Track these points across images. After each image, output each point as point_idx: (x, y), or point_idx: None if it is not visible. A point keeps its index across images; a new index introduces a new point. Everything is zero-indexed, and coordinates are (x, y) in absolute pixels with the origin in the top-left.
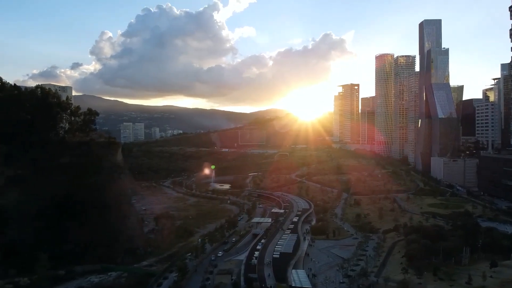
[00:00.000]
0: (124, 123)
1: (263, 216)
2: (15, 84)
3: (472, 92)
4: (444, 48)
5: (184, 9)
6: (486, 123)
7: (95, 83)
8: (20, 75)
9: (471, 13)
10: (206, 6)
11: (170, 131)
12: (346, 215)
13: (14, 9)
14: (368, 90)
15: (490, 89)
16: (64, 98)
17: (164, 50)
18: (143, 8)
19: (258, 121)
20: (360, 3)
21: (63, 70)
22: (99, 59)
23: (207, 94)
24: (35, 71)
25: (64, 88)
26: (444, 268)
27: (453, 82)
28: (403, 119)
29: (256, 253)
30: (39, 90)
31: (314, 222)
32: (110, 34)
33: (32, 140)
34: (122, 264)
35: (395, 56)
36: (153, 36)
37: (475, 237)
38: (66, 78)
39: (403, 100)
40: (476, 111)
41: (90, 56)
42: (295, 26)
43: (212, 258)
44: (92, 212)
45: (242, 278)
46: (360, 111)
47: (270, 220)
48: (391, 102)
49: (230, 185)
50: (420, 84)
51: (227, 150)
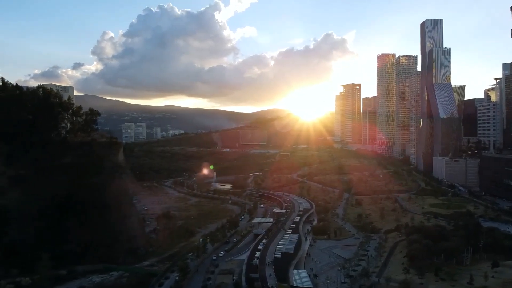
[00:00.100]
0: (125, 123)
1: (264, 216)
2: (16, 84)
3: (473, 92)
4: (445, 48)
5: (185, 9)
6: (487, 123)
7: (97, 83)
8: (22, 75)
9: (473, 12)
10: (208, 6)
11: (172, 131)
12: (347, 215)
13: (16, 9)
14: (369, 90)
15: (492, 89)
16: (65, 98)
17: (165, 50)
18: (144, 8)
19: (260, 121)
20: (361, 3)
21: (64, 70)
22: (100, 59)
23: (208, 94)
24: (36, 71)
25: (66, 88)
26: (445, 268)
27: (454, 82)
28: (404, 119)
29: (258, 253)
30: (40, 90)
31: (315, 222)
32: (112, 34)
33: (34, 140)
34: (124, 264)
35: (396, 56)
36: (154, 36)
37: (477, 237)
38: (68, 78)
39: (404, 100)
40: (478, 111)
41: (91, 56)
42: (297, 26)
43: (214, 258)
44: (93, 212)
45: (244, 278)
46: (361, 111)
47: (271, 220)
48: (393, 102)
49: (231, 185)
50: (422, 84)
51: (228, 150)
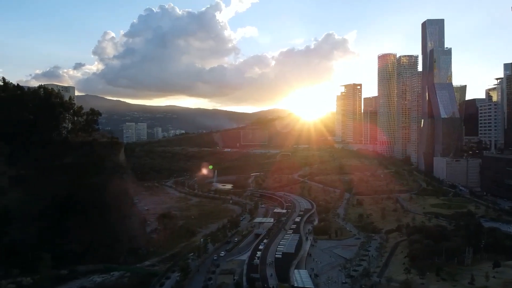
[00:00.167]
0: (126, 123)
1: (265, 216)
2: (18, 84)
3: (475, 92)
4: (446, 47)
5: (186, 9)
6: (489, 123)
7: (98, 83)
8: (23, 75)
9: (474, 12)
10: (209, 6)
11: (173, 131)
12: (348, 215)
13: (17, 9)
14: (370, 90)
15: (493, 89)
16: (66, 98)
17: (166, 50)
18: (145, 8)
19: (261, 121)
20: (362, 3)
21: (65, 70)
22: (101, 59)
23: (209, 94)
24: (38, 71)
25: (67, 88)
26: (446, 268)
27: (456, 82)
28: (405, 119)
29: (258, 253)
30: (41, 90)
31: (316, 222)
32: (113, 34)
33: (35, 140)
34: (125, 264)
35: (397, 56)
36: (155, 36)
37: (478, 237)
38: (69, 78)
39: (405, 100)
40: (479, 111)
41: (92, 56)
42: (298, 26)
43: (215, 258)
44: (94, 212)
45: (244, 278)
46: (362, 111)
47: (272, 220)
48: (394, 102)
49: (232, 185)
50: (423, 84)
51: (229, 150)
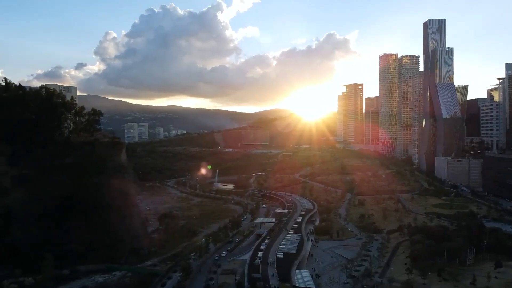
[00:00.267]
0: (128, 123)
1: (266, 216)
2: (19, 84)
3: (476, 92)
4: (448, 47)
5: (187, 9)
6: (491, 123)
7: (99, 83)
8: (25, 75)
9: (476, 12)
10: (210, 6)
11: (174, 131)
12: (350, 215)
13: (19, 9)
14: (372, 90)
15: (495, 89)
16: (68, 98)
17: (168, 50)
18: (147, 8)
19: (262, 121)
20: (364, 2)
21: (67, 71)
22: (103, 60)
23: (210, 94)
24: (39, 72)
25: (69, 88)
26: (448, 269)
27: (457, 82)
28: (407, 119)
29: (260, 253)
30: (43, 90)
31: (317, 223)
32: (114, 35)
33: (37, 140)
34: (126, 263)
35: (399, 56)
36: (157, 37)
37: (480, 237)
38: (71, 78)
39: (407, 100)
40: (481, 111)
41: (94, 56)
42: (299, 26)
43: (216, 258)
44: (96, 212)
45: (246, 278)
46: (364, 111)
47: (273, 220)
48: (395, 102)
49: (233, 185)
50: (425, 84)
51: (230, 150)
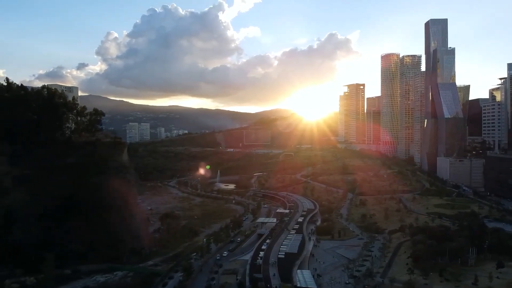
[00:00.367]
0: (129, 123)
1: (268, 216)
2: (21, 84)
3: (478, 92)
4: (450, 47)
5: (189, 9)
6: (492, 123)
7: (101, 83)
8: (27, 75)
9: (477, 12)
10: (211, 6)
11: (175, 131)
12: (351, 215)
13: (21, 9)
14: (373, 90)
15: (497, 88)
16: (70, 99)
17: (169, 51)
18: (148, 8)
19: (263, 121)
20: (365, 2)
21: (69, 71)
22: (104, 60)
23: (212, 94)
24: (41, 72)
25: (70, 89)
26: (450, 269)
27: (459, 81)
28: (409, 119)
29: (261, 253)
30: (45, 90)
31: (319, 223)
32: (116, 35)
33: (38, 140)
34: (128, 263)
35: (400, 55)
36: (158, 37)
37: (482, 237)
38: (72, 78)
39: (409, 100)
40: (483, 111)
41: (96, 56)
42: (300, 26)
43: (217, 258)
44: (97, 212)
45: (247, 278)
46: (365, 111)
47: (275, 220)
48: (397, 102)
49: (235, 185)
50: (426, 84)
51: (232, 150)
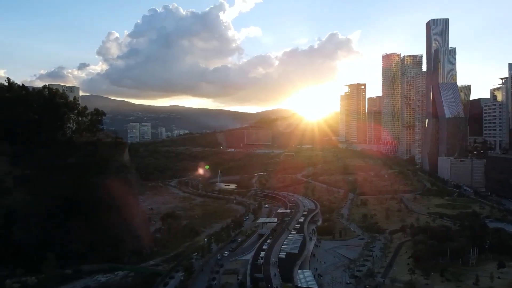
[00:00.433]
0: (130, 123)
1: (269, 216)
2: (22, 84)
3: (479, 92)
4: (451, 47)
5: (190, 9)
6: (493, 123)
7: (102, 83)
8: (28, 75)
9: (479, 12)
10: (212, 6)
11: (176, 131)
12: (352, 215)
13: (22, 9)
14: (374, 89)
15: (498, 88)
16: (71, 98)
17: (170, 51)
18: (149, 8)
19: (264, 121)
20: (366, 2)
21: (70, 71)
22: (106, 60)
23: (213, 94)
24: (42, 72)
25: (71, 89)
26: (451, 269)
27: (460, 81)
28: (410, 119)
29: (262, 253)
30: (46, 90)
31: (320, 223)
32: (117, 35)
33: (40, 140)
34: (129, 263)
35: (402, 55)
36: (159, 37)
37: (483, 237)
38: (73, 78)
39: (410, 100)
40: (484, 111)
41: (97, 56)
42: (301, 26)
43: (218, 258)
44: (98, 212)
45: (248, 278)
46: (366, 111)
47: (276, 220)
48: (398, 102)
49: (236, 185)
50: (427, 84)
51: (233, 150)
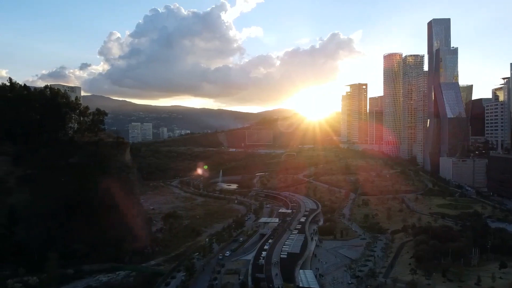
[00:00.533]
0: (132, 123)
1: (270, 216)
2: (24, 84)
3: (481, 92)
4: (453, 47)
5: (191, 9)
6: (495, 123)
7: (104, 83)
8: (30, 75)
9: (481, 11)
10: (214, 6)
11: (178, 131)
12: (354, 215)
13: (24, 9)
14: (376, 89)
15: (500, 88)
16: (73, 98)
17: (171, 51)
18: (151, 8)
19: (266, 121)
20: (368, 2)
21: (72, 71)
22: (107, 60)
23: (214, 94)
24: (44, 72)
25: (73, 89)
26: (453, 269)
27: (462, 81)
28: (411, 119)
29: (264, 253)
30: (48, 90)
31: (321, 223)
32: (118, 35)
33: (41, 140)
34: (130, 263)
35: (403, 55)
36: (161, 37)
37: (484, 238)
38: (75, 78)
39: (411, 99)
40: (486, 111)
41: (98, 56)
42: (303, 26)
43: (220, 258)
44: (100, 212)
45: (250, 278)
46: (368, 111)
47: (277, 220)
48: (400, 102)
49: (237, 185)
50: (429, 84)
51: (234, 150)
